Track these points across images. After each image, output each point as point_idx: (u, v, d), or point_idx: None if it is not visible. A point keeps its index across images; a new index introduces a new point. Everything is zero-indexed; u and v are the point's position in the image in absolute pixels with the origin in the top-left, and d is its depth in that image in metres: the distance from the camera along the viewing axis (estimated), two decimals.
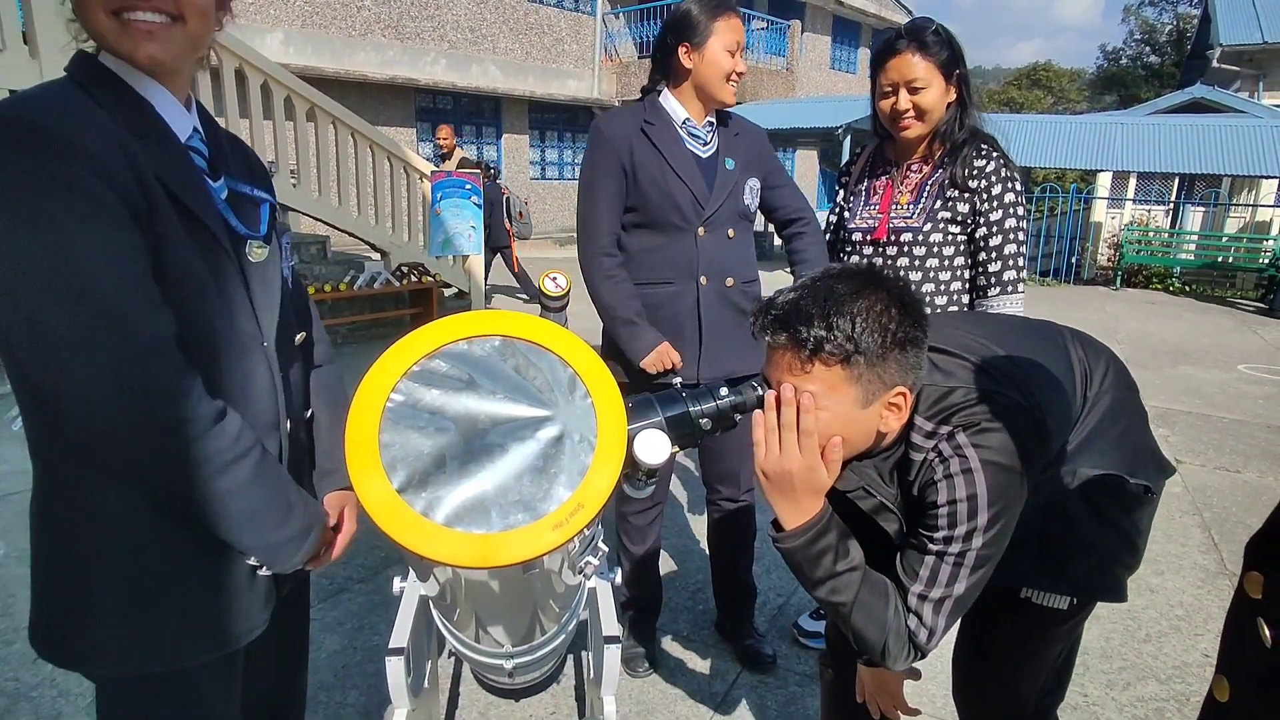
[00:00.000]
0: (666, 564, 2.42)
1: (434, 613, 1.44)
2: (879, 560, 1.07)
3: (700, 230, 1.93)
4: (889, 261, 1.88)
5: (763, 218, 2.17)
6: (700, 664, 2.23)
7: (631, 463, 0.96)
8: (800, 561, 1.01)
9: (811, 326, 0.95)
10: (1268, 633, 0.60)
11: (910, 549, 1.04)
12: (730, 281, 1.97)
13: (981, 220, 1.82)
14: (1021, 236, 1.83)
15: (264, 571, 0.99)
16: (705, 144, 1.96)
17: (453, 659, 2.17)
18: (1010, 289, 1.83)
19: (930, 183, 1.84)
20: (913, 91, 1.74)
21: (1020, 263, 1.83)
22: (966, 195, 1.81)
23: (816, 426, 0.95)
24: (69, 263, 0.78)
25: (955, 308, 1.89)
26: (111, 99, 0.88)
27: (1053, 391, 1.12)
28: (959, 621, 1.35)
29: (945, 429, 1.02)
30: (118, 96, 0.88)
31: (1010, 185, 1.80)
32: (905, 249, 1.86)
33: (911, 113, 1.76)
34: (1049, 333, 1.27)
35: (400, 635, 1.33)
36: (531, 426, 0.86)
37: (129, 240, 0.82)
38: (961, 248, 1.86)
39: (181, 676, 0.97)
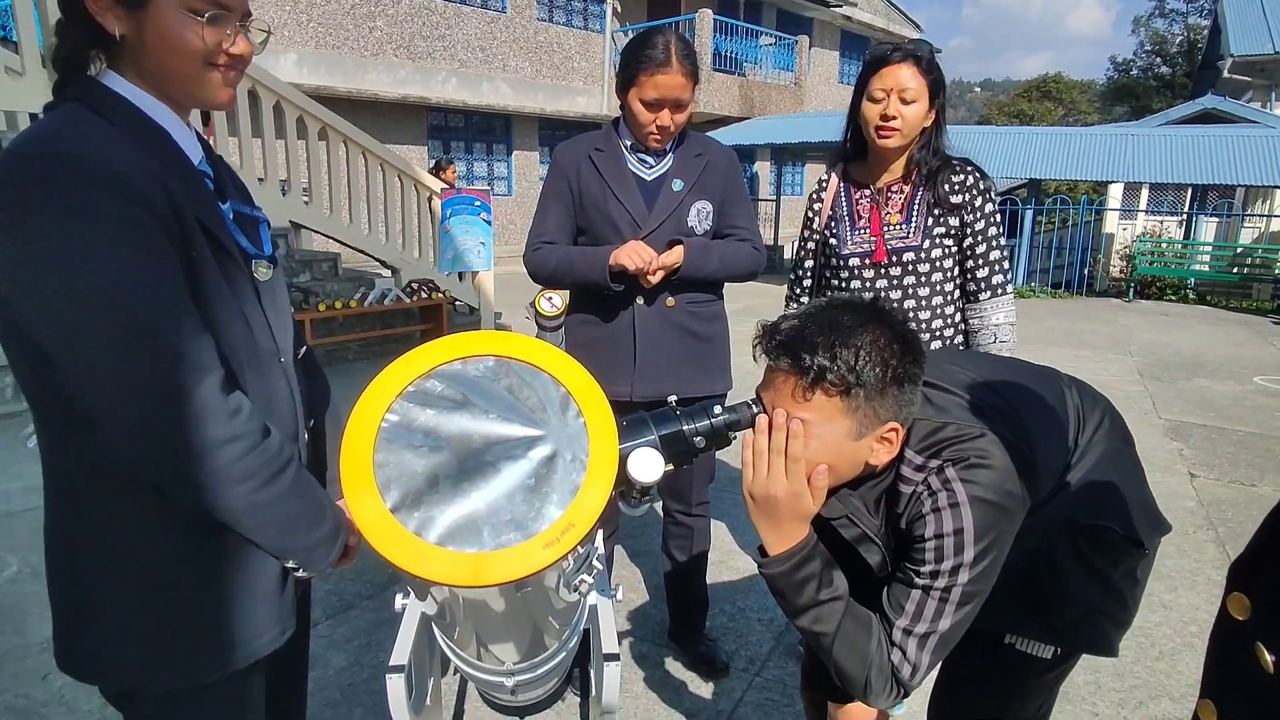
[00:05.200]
0: (655, 577, 2.43)
1: (435, 631, 1.45)
2: (862, 594, 1.06)
3: None
4: (894, 281, 1.93)
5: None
6: (703, 684, 2.22)
7: (626, 481, 0.97)
8: (783, 588, 1.01)
9: (815, 354, 0.95)
10: (1269, 658, 0.59)
11: (897, 583, 1.04)
12: (671, 301, 1.98)
13: (969, 231, 1.91)
14: (1002, 242, 1.94)
15: (301, 574, 1.01)
16: (652, 166, 2.00)
17: (458, 677, 2.17)
18: (1000, 291, 1.93)
19: (917, 202, 1.91)
20: (903, 102, 1.80)
21: (1005, 266, 1.94)
22: (953, 209, 1.89)
23: (805, 453, 0.96)
24: (121, 293, 0.79)
25: (960, 313, 1.97)
26: (131, 127, 0.88)
27: (1045, 433, 1.12)
28: (942, 664, 1.33)
29: (935, 463, 1.02)
30: (135, 124, 0.89)
31: (989, 196, 1.92)
32: (910, 267, 1.92)
33: (897, 120, 1.81)
34: (1047, 377, 1.26)
35: (401, 653, 1.33)
36: (524, 446, 0.86)
37: (172, 269, 0.84)
38: (955, 259, 1.95)
39: (216, 687, 0.98)
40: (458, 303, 6.74)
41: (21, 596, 2.56)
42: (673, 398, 1.07)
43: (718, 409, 1.03)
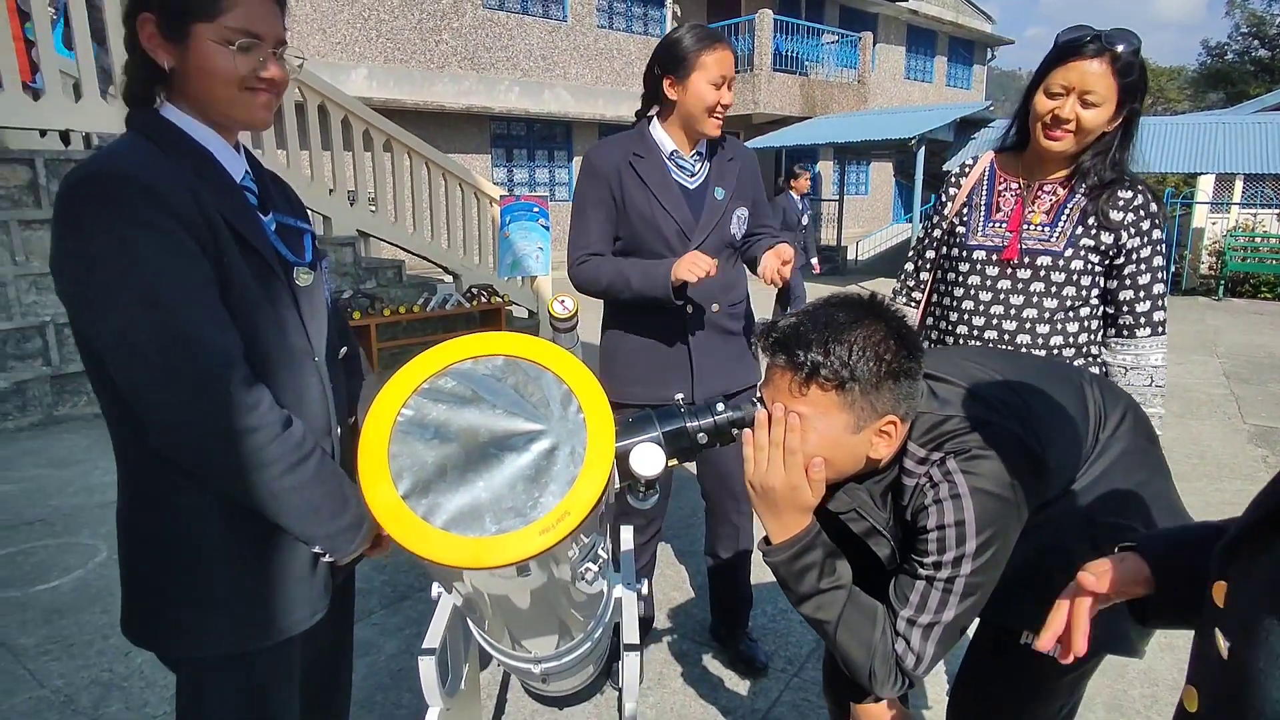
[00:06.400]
0: (700, 576, 2.45)
1: (470, 622, 1.51)
2: (874, 587, 1.07)
3: None
4: (1019, 285, 1.66)
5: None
6: (741, 683, 2.23)
7: (631, 475, 1.02)
8: (785, 576, 1.04)
9: (809, 351, 0.98)
10: (1223, 643, 0.60)
11: (902, 574, 1.05)
12: (715, 307, 2.02)
13: (1130, 257, 1.62)
14: (1164, 276, 1.67)
15: (327, 559, 1.09)
16: (693, 175, 1.99)
17: (501, 668, 2.24)
18: (1160, 330, 1.65)
19: (1070, 207, 1.63)
20: (1084, 105, 1.52)
21: (1166, 303, 1.66)
22: (1110, 226, 1.61)
23: (801, 446, 0.98)
24: (153, 291, 0.90)
25: (1085, 334, 1.68)
26: (177, 149, 1.00)
27: (1058, 428, 1.11)
28: (960, 665, 1.33)
29: (937, 455, 1.03)
30: (181, 146, 1.01)
31: (1156, 221, 1.63)
32: (1042, 273, 1.64)
33: (1071, 124, 1.54)
34: (1065, 372, 1.24)
35: (433, 636, 1.40)
36: (526, 439, 0.92)
37: (200, 270, 0.94)
38: (1099, 280, 1.65)
39: (247, 659, 1.08)
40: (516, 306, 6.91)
41: (110, 580, 2.78)
42: (679, 395, 1.11)
43: (720, 405, 1.07)
